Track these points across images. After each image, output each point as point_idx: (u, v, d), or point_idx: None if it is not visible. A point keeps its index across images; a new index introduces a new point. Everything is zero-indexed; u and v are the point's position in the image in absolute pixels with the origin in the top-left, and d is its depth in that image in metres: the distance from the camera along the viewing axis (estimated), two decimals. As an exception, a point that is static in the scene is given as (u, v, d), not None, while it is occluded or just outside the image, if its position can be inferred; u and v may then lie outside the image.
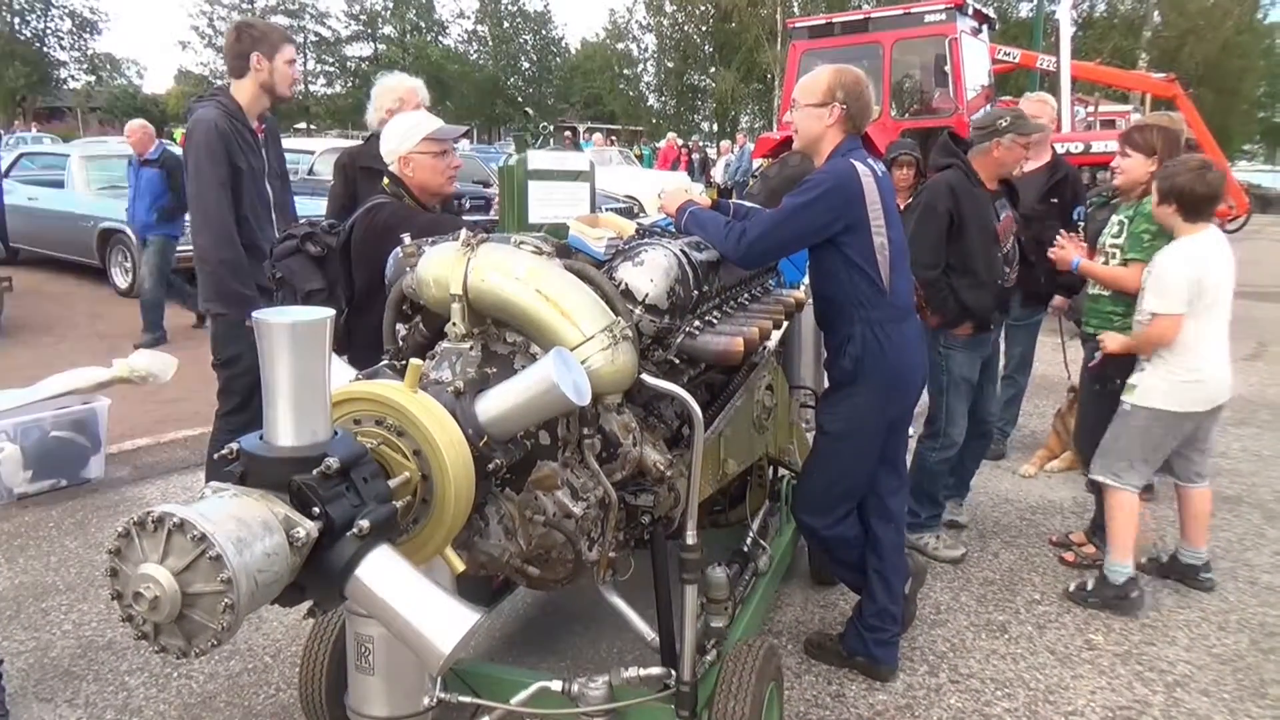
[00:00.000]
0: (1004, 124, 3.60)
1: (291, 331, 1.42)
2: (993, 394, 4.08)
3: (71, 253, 10.11)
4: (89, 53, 42.79)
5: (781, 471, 3.50)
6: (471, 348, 2.02)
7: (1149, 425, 3.37)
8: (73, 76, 42.89)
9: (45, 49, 41.04)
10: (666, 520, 2.33)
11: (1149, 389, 3.37)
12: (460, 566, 1.72)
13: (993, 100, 10.53)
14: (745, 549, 3.05)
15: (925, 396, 3.39)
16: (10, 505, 4.31)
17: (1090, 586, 3.49)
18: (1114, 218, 3.72)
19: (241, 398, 3.48)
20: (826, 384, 2.99)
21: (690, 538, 2.27)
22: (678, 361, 2.34)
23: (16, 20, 39.99)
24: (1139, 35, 33.18)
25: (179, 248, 8.80)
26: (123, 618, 1.26)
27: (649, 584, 2.34)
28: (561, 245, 2.26)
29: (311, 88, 44.39)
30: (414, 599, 1.45)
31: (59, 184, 10.42)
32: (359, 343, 2.74)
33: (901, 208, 5.01)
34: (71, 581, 3.58)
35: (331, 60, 45.85)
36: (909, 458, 3.11)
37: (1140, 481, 3.44)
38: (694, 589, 2.27)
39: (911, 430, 3.30)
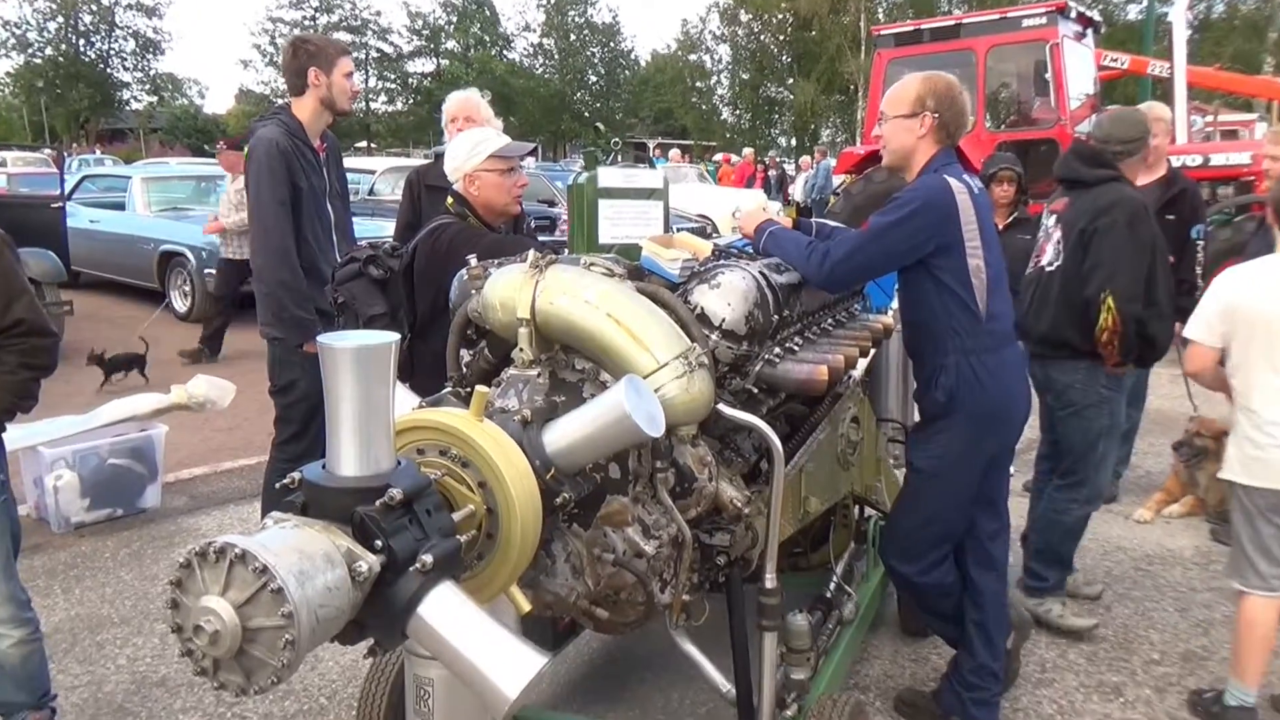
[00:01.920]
0: (1149, 129, 3.47)
1: (355, 357, 1.45)
2: None
3: (132, 276, 10.56)
4: (151, 73, 44.95)
5: (868, 511, 3.45)
6: (539, 375, 2.05)
7: (1241, 504, 2.96)
8: (135, 97, 45.13)
9: (109, 70, 43.26)
10: (744, 562, 2.32)
11: (1227, 457, 2.98)
12: (526, 606, 1.73)
13: (1098, 110, 10.31)
14: (829, 595, 3.01)
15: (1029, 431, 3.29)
16: (67, 534, 4.49)
17: (1208, 695, 3.10)
18: None
19: (299, 426, 3.57)
20: (916, 417, 2.94)
21: (769, 581, 2.25)
22: (756, 391, 2.34)
23: (81, 42, 42.28)
24: (1263, 37, 32.13)
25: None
26: (182, 652, 1.30)
27: (724, 630, 2.32)
28: (634, 267, 2.29)
29: (372, 105, 45.80)
30: (479, 639, 1.46)
31: (120, 206, 10.93)
32: (422, 369, 2.80)
33: (1001, 227, 4.94)
34: (127, 614, 3.71)
35: (393, 77, 47.29)
36: (1007, 497, 3.03)
37: (1262, 584, 2.91)
38: (773, 637, 2.24)
39: (1013, 469, 3.22)
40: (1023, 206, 5.19)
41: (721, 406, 2.13)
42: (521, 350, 2.06)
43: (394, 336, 1.52)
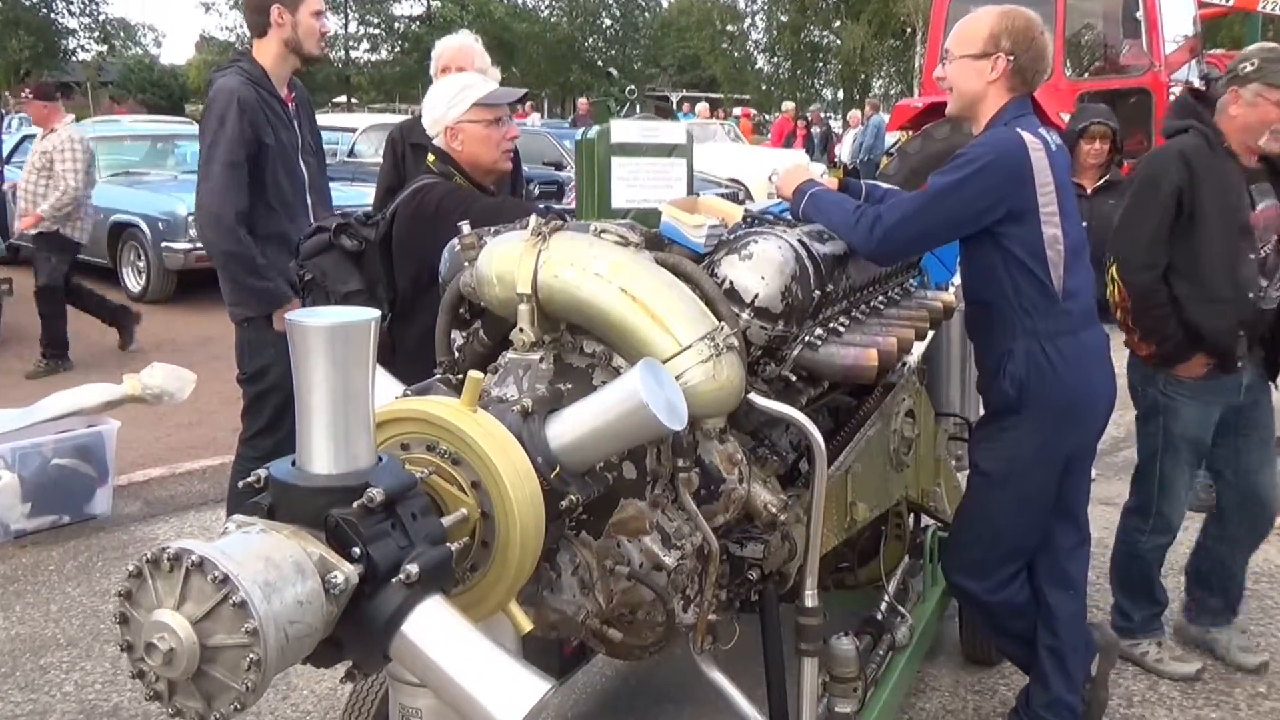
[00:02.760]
0: (1248, 68, 3.17)
1: (330, 336, 1.46)
2: (1269, 462, 3.48)
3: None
4: (101, 18, 45.14)
5: (925, 520, 3.44)
6: (541, 359, 2.05)
7: None
8: (82, 46, 45.30)
9: (53, 15, 43.49)
10: (780, 577, 2.31)
11: None
12: (527, 626, 1.74)
13: (1199, 54, 10.20)
14: (879, 616, 3.00)
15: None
16: (7, 544, 4.55)
17: None
18: None
19: (269, 419, 3.60)
20: (981, 410, 2.93)
21: (810, 599, 2.25)
22: (794, 379, 2.33)
23: (22, -18, 42.52)
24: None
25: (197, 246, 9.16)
26: (133, 673, 1.31)
27: (757, 656, 2.32)
28: (652, 235, 2.28)
29: (353, 54, 45.86)
30: (472, 662, 1.46)
31: (65, 171, 11.01)
32: (404, 353, 2.81)
33: (1089, 190, 4.90)
34: (74, 635, 3.75)
35: (376, 21, 47.30)
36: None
37: None
38: (814, 663, 2.24)
39: (1094, 472, 3.19)
40: (1115, 168, 5.14)
41: (754, 396, 2.12)
42: (522, 331, 2.06)
43: (374, 313, 1.52)
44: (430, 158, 3.06)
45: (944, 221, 2.57)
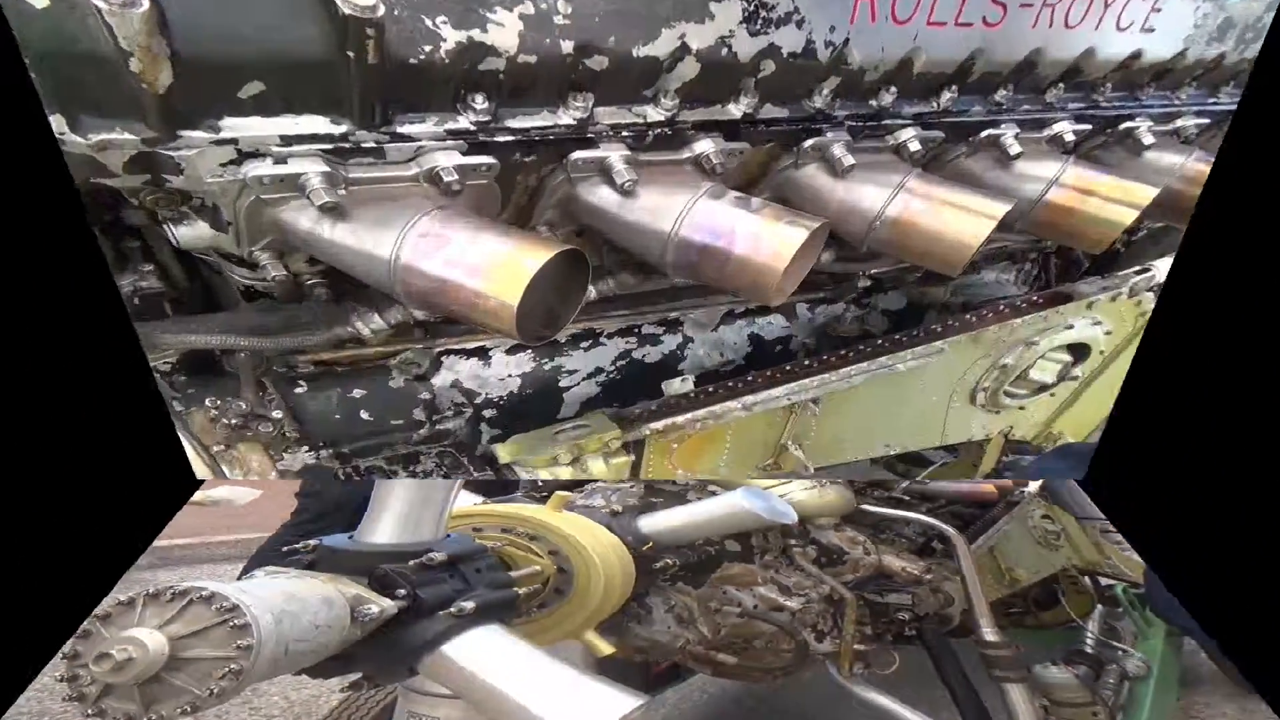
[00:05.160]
0: None
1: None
2: None
3: None
4: None
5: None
6: (632, 485, 1.51)
7: None
8: None
9: None
10: (940, 619, 1.43)
11: None
12: (607, 649, 1.06)
13: None
14: (1088, 649, 1.81)
15: None
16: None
17: None
18: None
19: (313, 514, 2.70)
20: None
21: (988, 634, 1.35)
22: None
23: None
24: None
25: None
26: (61, 677, 0.75)
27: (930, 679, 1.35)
28: None
29: None
30: (535, 678, 0.82)
31: None
32: None
33: None
34: None
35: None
36: None
37: None
38: (1022, 690, 1.29)
39: None
40: None
41: (868, 507, 1.52)
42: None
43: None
44: None
45: None
